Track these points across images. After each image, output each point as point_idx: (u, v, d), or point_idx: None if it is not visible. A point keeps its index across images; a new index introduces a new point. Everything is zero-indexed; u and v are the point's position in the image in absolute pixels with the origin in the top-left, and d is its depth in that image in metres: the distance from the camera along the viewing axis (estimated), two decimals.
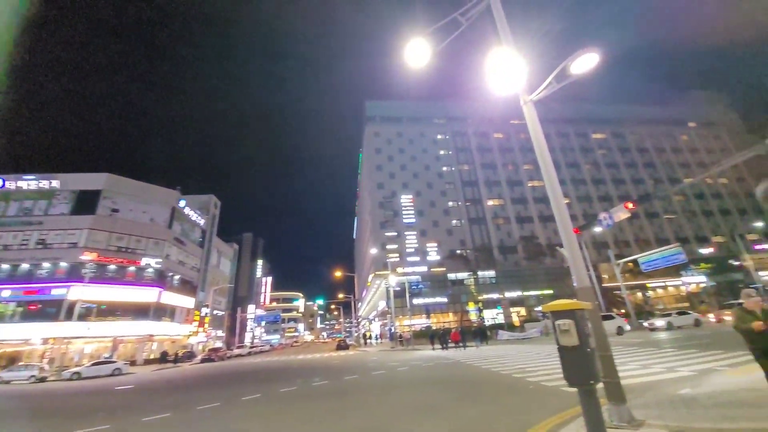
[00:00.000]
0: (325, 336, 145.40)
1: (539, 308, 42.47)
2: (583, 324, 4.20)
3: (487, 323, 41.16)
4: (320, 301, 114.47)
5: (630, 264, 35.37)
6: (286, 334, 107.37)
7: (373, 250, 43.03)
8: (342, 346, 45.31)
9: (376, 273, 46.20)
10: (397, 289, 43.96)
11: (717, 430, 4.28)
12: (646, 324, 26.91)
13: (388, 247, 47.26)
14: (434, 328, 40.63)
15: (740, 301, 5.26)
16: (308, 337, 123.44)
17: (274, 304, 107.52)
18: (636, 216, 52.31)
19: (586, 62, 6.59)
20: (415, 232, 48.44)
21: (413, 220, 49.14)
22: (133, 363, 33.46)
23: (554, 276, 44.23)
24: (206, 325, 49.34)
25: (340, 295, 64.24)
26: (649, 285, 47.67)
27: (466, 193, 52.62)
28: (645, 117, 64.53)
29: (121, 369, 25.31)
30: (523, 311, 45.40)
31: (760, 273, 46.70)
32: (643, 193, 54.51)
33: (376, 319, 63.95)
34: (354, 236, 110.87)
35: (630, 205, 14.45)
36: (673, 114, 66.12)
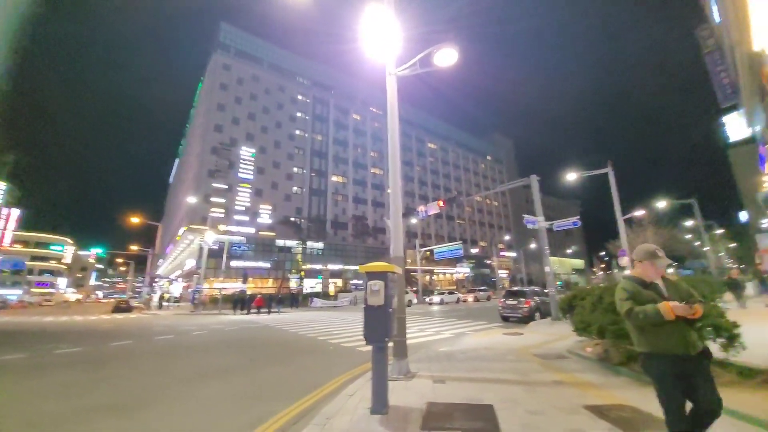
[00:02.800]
0: (101, 296, 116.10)
1: (354, 281, 47.10)
2: (390, 286, 4.30)
3: (306, 291, 42.34)
4: (97, 251, 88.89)
5: (428, 253, 43.91)
6: (33, 290, 78.04)
7: (193, 200, 36.29)
8: (122, 308, 36.73)
9: (191, 226, 39.47)
10: (215, 248, 39.00)
11: (467, 379, 5.34)
12: (427, 300, 34.07)
13: (214, 200, 41.11)
14: (249, 293, 38.50)
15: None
16: (73, 296, 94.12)
17: (19, 247, 75.71)
18: (440, 216, 65.52)
19: (447, 56, 7.05)
20: (250, 190, 44.08)
21: (250, 177, 44.49)
22: None
23: (374, 255, 49.95)
24: None
25: (133, 247, 51.24)
26: (436, 270, 60.91)
27: (314, 163, 51.93)
28: (463, 142, 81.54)
29: None
30: (340, 283, 49.20)
31: (500, 271, 68.14)
32: (451, 203, 69.18)
33: (180, 279, 55.23)
34: (171, 180, 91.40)
35: (441, 204, 17.34)
36: (480, 146, 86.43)
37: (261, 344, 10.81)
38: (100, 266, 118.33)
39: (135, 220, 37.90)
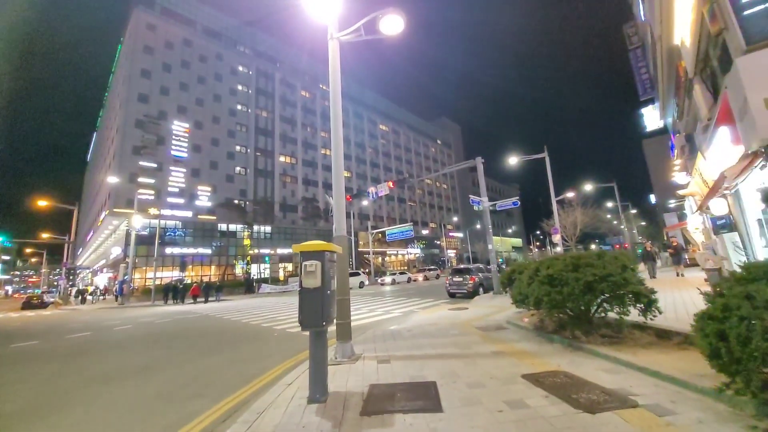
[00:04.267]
0: (10, 291, 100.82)
1: None
2: (328, 266, 3.96)
3: (253, 277, 40.39)
4: None
5: (380, 234, 44.24)
6: None
7: (115, 180, 31.91)
8: (34, 304, 32.15)
9: (114, 210, 35.02)
10: (144, 233, 35.27)
11: (411, 357, 5.25)
12: (379, 280, 34.50)
13: (141, 180, 36.63)
14: (189, 282, 35.73)
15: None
16: None
17: None
18: (392, 199, 66.09)
19: (392, 23, 6.64)
20: (185, 170, 39.99)
21: (185, 155, 40.27)
22: None
23: (325, 237, 48.61)
24: None
25: (45, 235, 44.21)
26: (388, 252, 61.83)
27: (259, 142, 48.54)
28: (414, 126, 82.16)
29: None
30: (290, 267, 47.72)
31: (448, 251, 71.47)
32: (401, 183, 69.93)
33: (105, 270, 49.58)
34: (89, 157, 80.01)
35: (391, 184, 17.25)
36: (430, 130, 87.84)
37: (196, 335, 9.92)
38: (7, 257, 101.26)
39: (43, 203, 32.60)
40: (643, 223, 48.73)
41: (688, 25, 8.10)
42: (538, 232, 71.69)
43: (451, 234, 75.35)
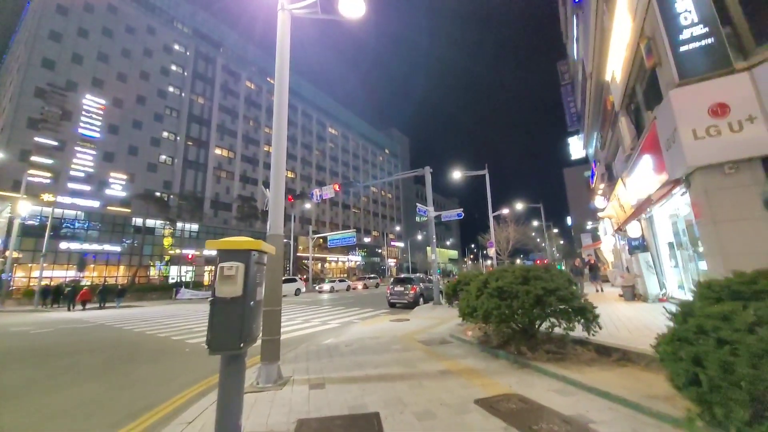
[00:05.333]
0: None
1: None
2: (255, 270, 3.11)
3: (172, 280, 35.81)
4: None
5: (321, 240, 42.74)
6: None
7: None
8: None
9: None
10: (34, 223, 29.37)
11: (350, 379, 4.54)
12: (317, 288, 32.97)
13: (36, 159, 30.45)
14: (83, 284, 30.44)
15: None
16: None
17: None
18: (335, 204, 64.78)
19: (353, 4, 6.09)
20: (95, 153, 34.26)
21: (96, 135, 34.54)
22: None
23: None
24: None
25: None
26: (328, 258, 60.07)
27: (192, 130, 43.87)
28: (364, 133, 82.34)
29: None
30: None
31: (390, 260, 72.02)
32: (347, 187, 68.88)
33: None
34: None
35: (336, 187, 16.48)
36: (379, 139, 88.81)
37: (82, 351, 7.96)
38: None
39: None
40: (562, 242, 54.66)
41: (620, 62, 8.88)
42: (473, 245, 76.03)
43: (392, 243, 76.17)
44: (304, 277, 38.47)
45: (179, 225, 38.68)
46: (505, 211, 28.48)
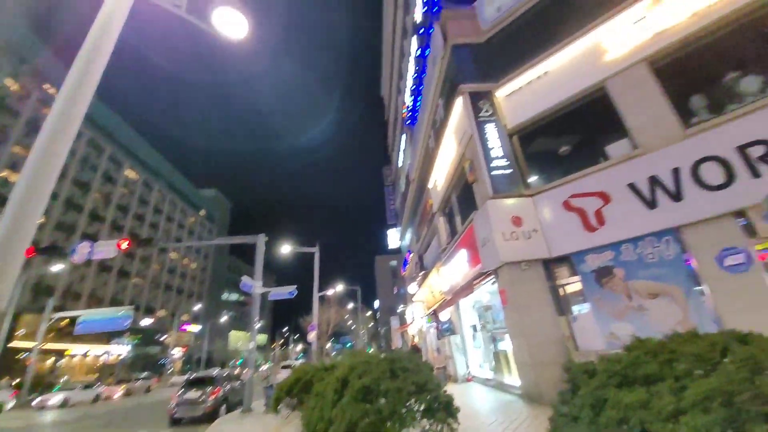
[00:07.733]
0: None
1: None
2: None
3: None
4: None
5: (66, 321, 29.08)
6: None
7: None
8: None
9: None
10: None
11: None
12: (34, 402, 20.62)
13: None
14: None
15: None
16: None
17: None
18: (109, 268, 47.89)
19: (230, 20, 4.89)
20: None
21: None
22: None
23: None
24: None
25: None
26: (69, 351, 40.32)
27: None
28: (178, 187, 69.41)
29: None
30: None
31: (175, 349, 55.38)
32: (136, 249, 52.57)
33: None
34: None
35: (125, 244, 11.88)
36: (196, 197, 76.66)
37: None
38: None
39: None
40: (371, 325, 58.74)
41: (444, 175, 11.11)
42: (284, 329, 70.62)
43: (184, 327, 60.71)
44: (17, 381, 23.93)
45: None
46: (330, 292, 28.40)
